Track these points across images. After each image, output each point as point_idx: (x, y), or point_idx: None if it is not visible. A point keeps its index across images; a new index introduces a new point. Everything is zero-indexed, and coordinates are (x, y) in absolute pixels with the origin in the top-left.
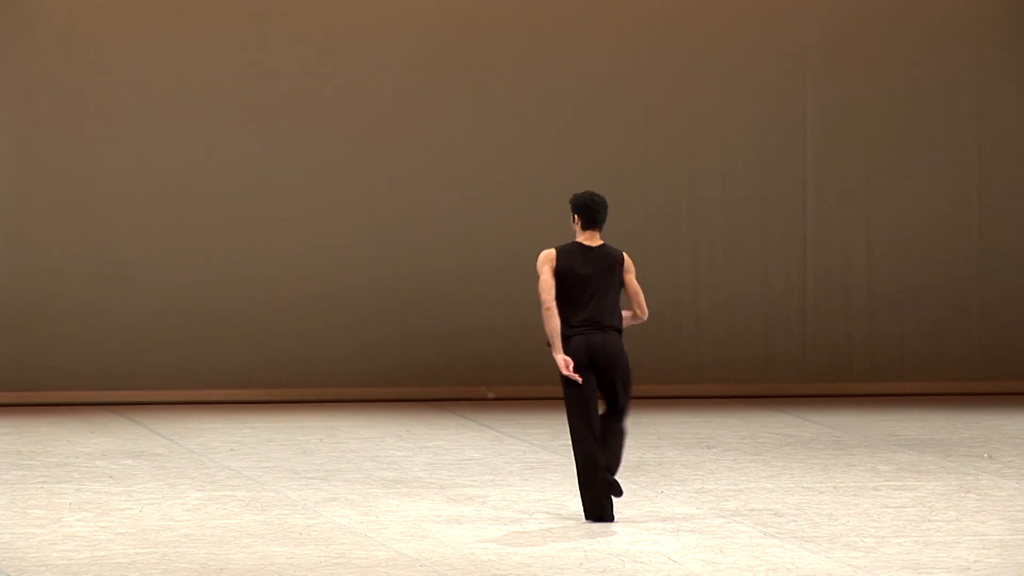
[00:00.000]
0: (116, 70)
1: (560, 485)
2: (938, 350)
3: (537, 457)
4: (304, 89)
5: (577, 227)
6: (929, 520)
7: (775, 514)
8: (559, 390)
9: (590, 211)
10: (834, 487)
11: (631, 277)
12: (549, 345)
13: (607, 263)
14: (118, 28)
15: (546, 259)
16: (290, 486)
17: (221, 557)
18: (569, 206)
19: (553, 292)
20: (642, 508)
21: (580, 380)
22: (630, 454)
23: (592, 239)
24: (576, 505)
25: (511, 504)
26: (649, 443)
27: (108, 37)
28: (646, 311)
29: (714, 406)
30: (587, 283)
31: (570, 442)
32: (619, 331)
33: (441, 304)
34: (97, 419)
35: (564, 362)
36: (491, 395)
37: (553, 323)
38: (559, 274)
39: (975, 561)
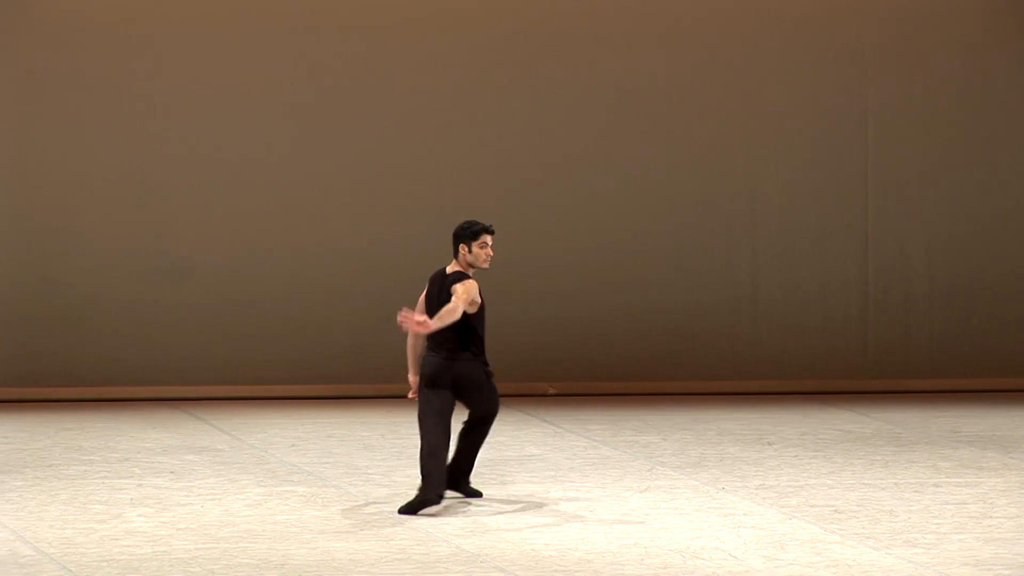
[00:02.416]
0: (172, 66)
1: (621, 481)
2: (998, 345)
3: (598, 453)
4: (358, 84)
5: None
6: (990, 516)
7: (836, 510)
8: (620, 386)
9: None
10: (895, 483)
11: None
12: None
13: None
14: (175, 25)
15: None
16: (351, 482)
17: (282, 553)
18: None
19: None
20: (703, 504)
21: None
22: (691, 450)
23: (452, 266)
24: (638, 500)
25: (572, 500)
26: (710, 439)
27: (165, 33)
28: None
29: (774, 402)
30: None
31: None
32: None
33: (501, 299)
34: (158, 415)
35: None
36: (552, 391)
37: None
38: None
39: None
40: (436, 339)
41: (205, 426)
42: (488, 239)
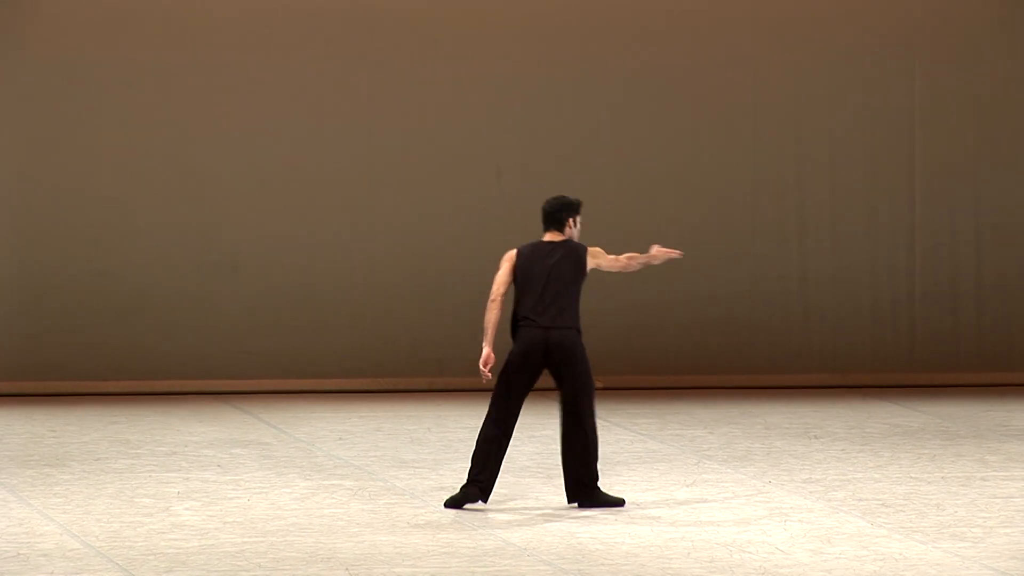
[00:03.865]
0: (223, 60)
1: (668, 475)
2: None
3: (644, 447)
4: (408, 77)
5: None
6: None
7: (883, 504)
8: (667, 379)
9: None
10: (942, 477)
11: (604, 258)
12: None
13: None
14: (221, 17)
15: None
16: (398, 475)
17: (328, 546)
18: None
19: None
20: (750, 498)
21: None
22: (738, 444)
23: (554, 237)
24: (684, 494)
25: (618, 493)
26: (757, 433)
27: (211, 28)
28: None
29: (821, 396)
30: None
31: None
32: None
33: None
34: (205, 408)
35: (486, 357)
36: (599, 384)
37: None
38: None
39: None
40: (538, 308)
41: (252, 419)
42: None
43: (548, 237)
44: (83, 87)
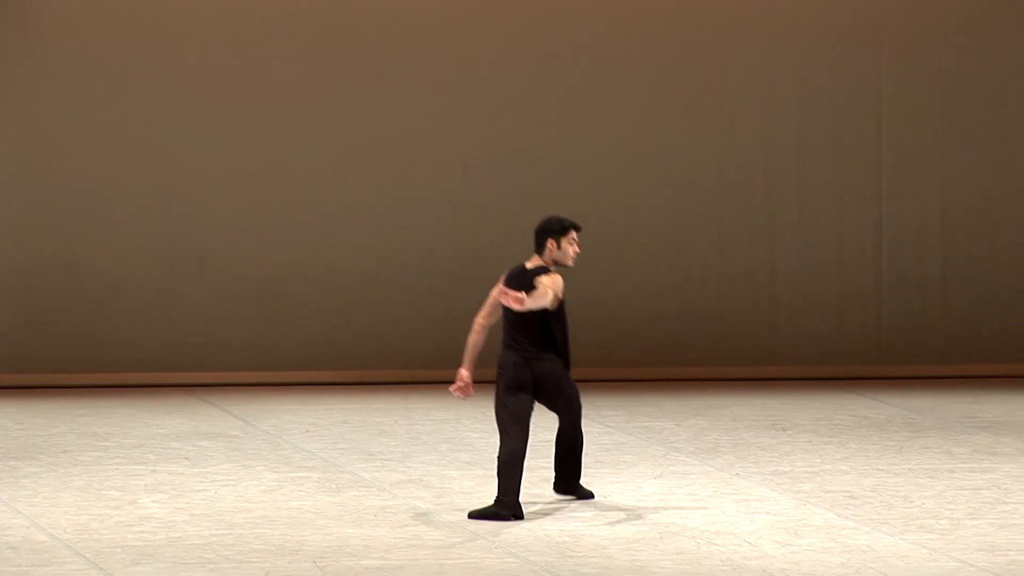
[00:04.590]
0: (196, 54)
1: (635, 467)
2: (1015, 331)
3: (612, 439)
4: (380, 71)
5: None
6: (1004, 502)
7: (850, 496)
8: (633, 372)
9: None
10: (909, 469)
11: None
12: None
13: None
14: (193, 12)
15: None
16: (365, 468)
17: (296, 539)
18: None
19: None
20: (717, 490)
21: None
22: (705, 436)
23: (535, 261)
24: (652, 486)
25: (586, 486)
26: (724, 425)
27: (189, 21)
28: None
29: (789, 388)
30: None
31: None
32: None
33: None
34: (173, 401)
35: (459, 378)
36: None
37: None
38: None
39: None
40: (516, 337)
41: (219, 412)
42: (575, 235)
43: (532, 260)
44: (53, 82)
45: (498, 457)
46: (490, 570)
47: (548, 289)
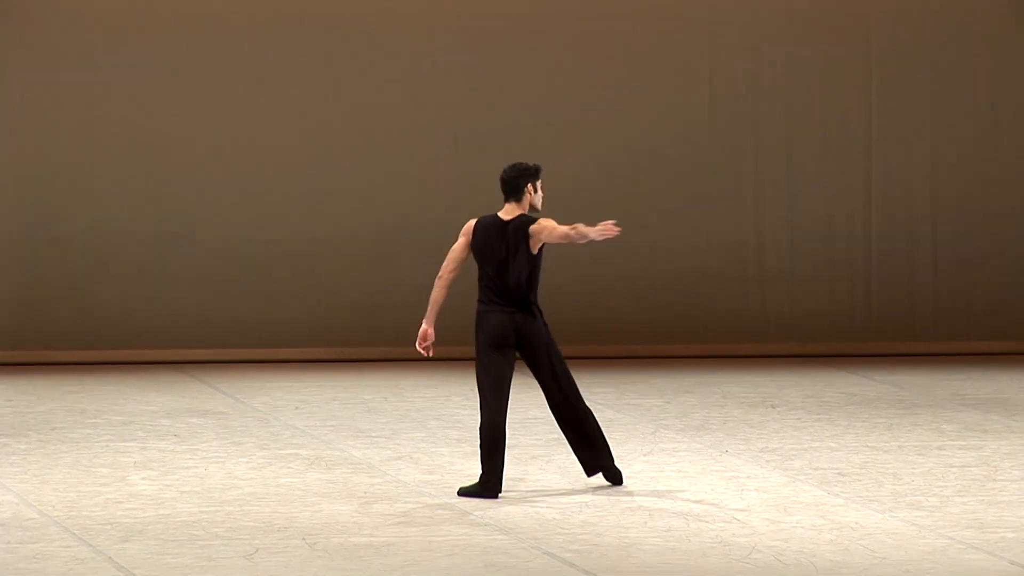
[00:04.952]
0: (177, 32)
1: (625, 444)
2: (1004, 309)
3: (601, 416)
4: (365, 47)
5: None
6: (994, 480)
7: (840, 473)
8: (623, 349)
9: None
10: (898, 446)
11: (547, 233)
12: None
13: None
14: None
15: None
16: (355, 445)
17: (286, 515)
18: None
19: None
20: (707, 467)
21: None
22: (695, 413)
23: (511, 209)
24: (641, 463)
25: (575, 463)
26: (714, 402)
27: (169, 3)
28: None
29: (778, 365)
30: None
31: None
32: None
33: None
34: (162, 377)
35: (424, 334)
36: None
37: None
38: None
39: None
40: (497, 289)
41: (209, 389)
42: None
43: (505, 210)
44: (38, 58)
45: (479, 430)
46: (479, 547)
47: (562, 226)
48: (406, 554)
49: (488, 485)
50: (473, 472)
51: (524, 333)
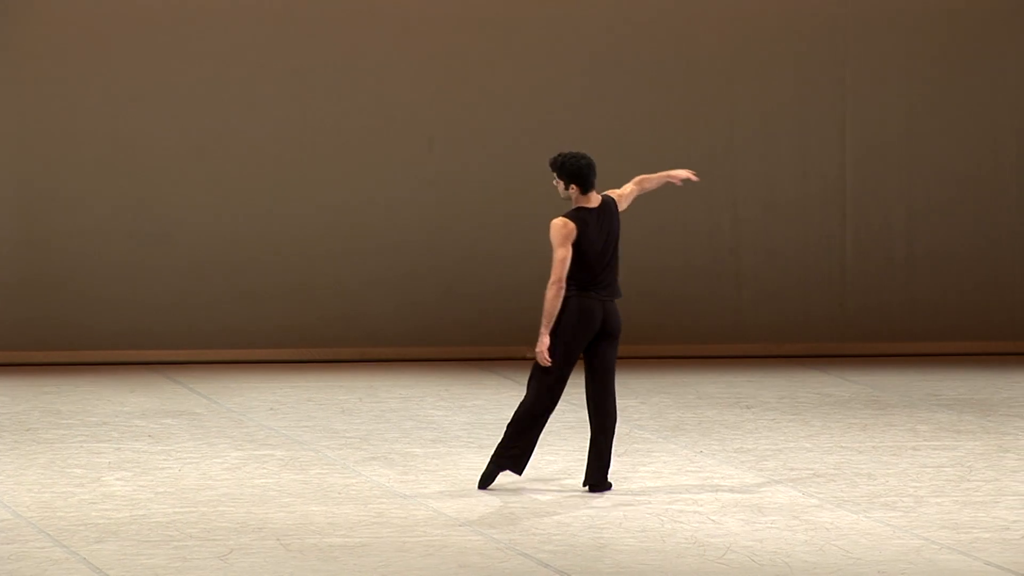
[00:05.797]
0: (156, 30)
1: None
2: (978, 309)
3: (576, 416)
4: (342, 48)
5: (575, 192)
6: (968, 480)
7: (814, 474)
8: None
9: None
10: (873, 447)
11: (628, 198)
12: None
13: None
14: None
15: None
16: (329, 445)
17: (260, 516)
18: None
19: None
20: (681, 468)
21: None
22: (670, 413)
23: (593, 200)
24: (616, 464)
25: (550, 463)
26: (688, 403)
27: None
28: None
29: (753, 366)
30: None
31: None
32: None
33: (480, 263)
34: (136, 378)
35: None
36: (529, 354)
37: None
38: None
39: (1014, 521)
40: (598, 276)
41: (183, 390)
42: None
43: (590, 199)
44: (10, 56)
45: (526, 412)
46: (453, 548)
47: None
48: (380, 555)
49: (517, 460)
50: (448, 472)
51: (609, 322)
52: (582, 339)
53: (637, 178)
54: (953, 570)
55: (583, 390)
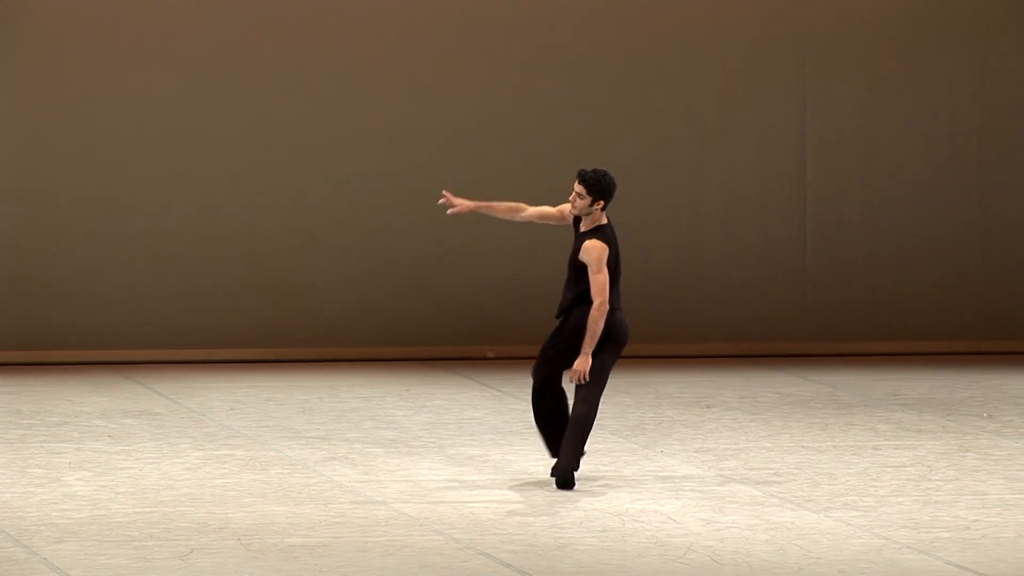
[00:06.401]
0: (119, 27)
1: None
2: (939, 308)
3: None
4: (302, 47)
5: (598, 208)
6: (928, 479)
7: (775, 473)
8: None
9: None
10: (834, 446)
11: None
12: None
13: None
14: None
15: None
16: (290, 445)
17: (221, 516)
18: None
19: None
20: (642, 468)
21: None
22: (630, 413)
23: (606, 217)
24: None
25: (511, 463)
26: (649, 403)
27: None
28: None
29: (714, 365)
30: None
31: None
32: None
33: (442, 263)
34: (97, 378)
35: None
36: (491, 354)
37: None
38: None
39: (974, 520)
40: (616, 295)
41: (144, 390)
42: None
43: (607, 217)
44: None
45: (587, 421)
46: (414, 547)
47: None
48: (341, 555)
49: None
50: (409, 472)
51: (626, 338)
52: (617, 353)
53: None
54: (913, 569)
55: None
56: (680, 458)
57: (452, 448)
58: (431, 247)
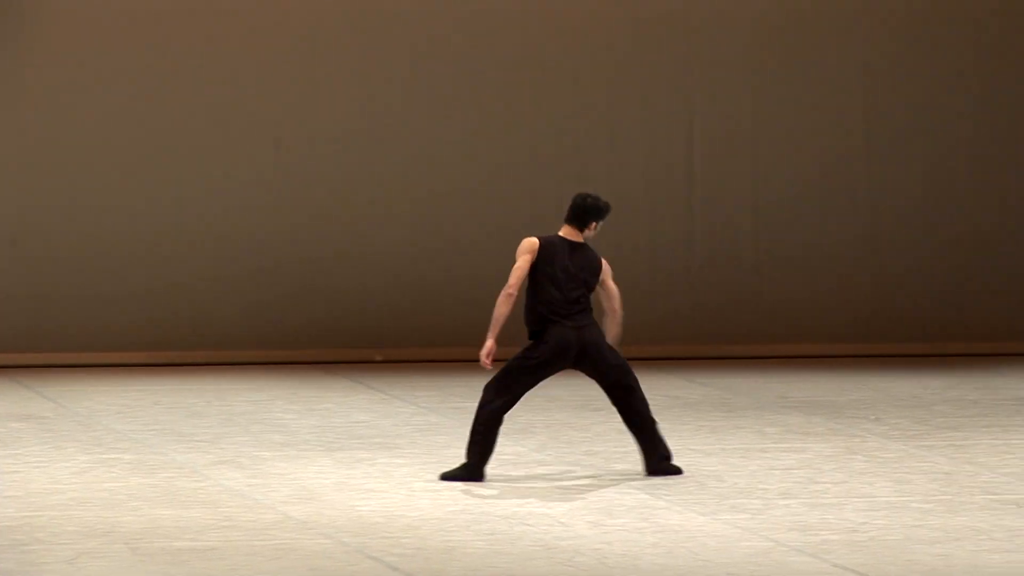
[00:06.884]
0: (7, 27)
1: (448, 448)
2: (826, 312)
3: (425, 420)
4: (191, 49)
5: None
6: (816, 482)
7: (663, 476)
8: (447, 352)
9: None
10: (722, 449)
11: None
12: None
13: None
14: None
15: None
16: (178, 449)
17: (109, 520)
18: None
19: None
20: (530, 471)
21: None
22: (519, 416)
23: (572, 234)
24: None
25: (399, 467)
26: (538, 405)
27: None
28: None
29: None
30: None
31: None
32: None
33: (330, 266)
34: None
35: (491, 350)
36: (379, 357)
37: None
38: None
39: (862, 523)
40: (568, 307)
41: (31, 394)
42: None
43: (566, 232)
44: None
45: (486, 415)
46: (303, 551)
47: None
48: (230, 559)
49: (476, 469)
50: (297, 475)
51: (590, 348)
52: (552, 364)
53: (618, 303)
54: (802, 572)
55: (421, 393)
56: (568, 461)
57: (341, 452)
58: (319, 250)
